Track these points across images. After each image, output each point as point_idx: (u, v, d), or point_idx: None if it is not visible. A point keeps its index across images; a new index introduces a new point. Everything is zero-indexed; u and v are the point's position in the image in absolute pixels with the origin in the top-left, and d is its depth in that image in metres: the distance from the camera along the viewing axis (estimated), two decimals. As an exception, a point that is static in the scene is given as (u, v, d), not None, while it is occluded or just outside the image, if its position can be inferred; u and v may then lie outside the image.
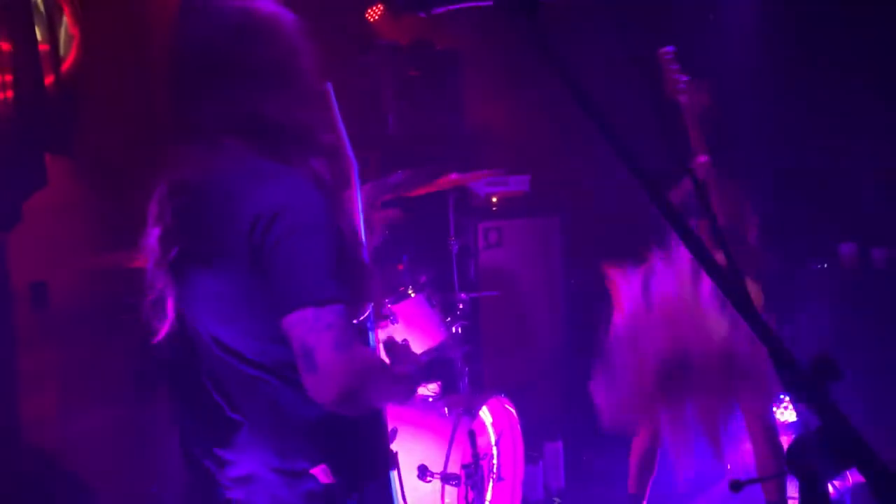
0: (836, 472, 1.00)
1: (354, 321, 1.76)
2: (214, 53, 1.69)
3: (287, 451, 1.71)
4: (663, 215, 1.05)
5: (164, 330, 1.80)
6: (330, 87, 1.98)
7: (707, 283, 3.15)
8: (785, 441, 3.61)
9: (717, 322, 3.15)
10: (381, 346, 3.30)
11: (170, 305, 1.80)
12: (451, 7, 1.18)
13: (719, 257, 1.09)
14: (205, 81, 1.70)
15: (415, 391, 1.85)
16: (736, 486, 1.01)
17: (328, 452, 1.72)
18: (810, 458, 0.99)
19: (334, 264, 1.62)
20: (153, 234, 1.76)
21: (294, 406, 1.69)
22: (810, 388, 0.98)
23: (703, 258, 1.00)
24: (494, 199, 5.03)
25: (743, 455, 4.12)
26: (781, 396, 4.39)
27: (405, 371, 1.87)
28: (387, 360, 1.95)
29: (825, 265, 5.32)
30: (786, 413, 4.69)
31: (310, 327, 1.56)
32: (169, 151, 1.77)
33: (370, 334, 2.00)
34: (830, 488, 3.81)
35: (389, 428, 3.17)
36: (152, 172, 1.79)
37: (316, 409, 1.64)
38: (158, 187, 1.78)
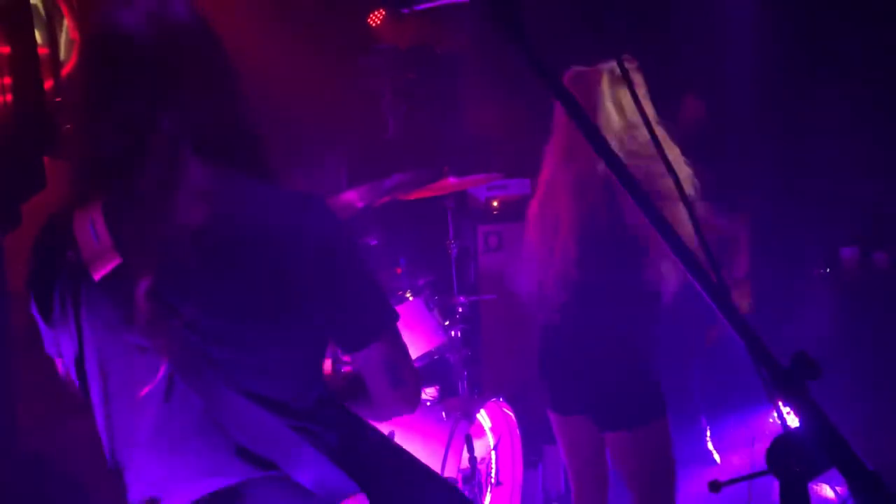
0: (817, 472, 0.99)
1: None
2: (159, 50, 1.47)
3: (328, 495, 1.54)
4: (643, 212, 1.05)
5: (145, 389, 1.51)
6: None
7: None
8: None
9: None
10: None
11: (162, 372, 1.49)
12: (431, 4, 1.18)
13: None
14: (150, 82, 1.47)
15: None
16: (715, 486, 1.00)
17: (364, 482, 1.57)
18: (790, 458, 0.98)
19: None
20: (141, 287, 1.43)
21: (332, 450, 1.53)
22: (789, 386, 0.97)
23: (681, 253, 1.00)
24: (495, 203, 5.02)
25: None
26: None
27: None
28: None
29: (827, 269, 5.31)
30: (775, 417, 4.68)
31: (391, 345, 1.61)
32: (135, 178, 1.49)
33: None
34: (832, 493, 3.79)
35: (386, 432, 3.17)
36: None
37: (359, 445, 1.60)
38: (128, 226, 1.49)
